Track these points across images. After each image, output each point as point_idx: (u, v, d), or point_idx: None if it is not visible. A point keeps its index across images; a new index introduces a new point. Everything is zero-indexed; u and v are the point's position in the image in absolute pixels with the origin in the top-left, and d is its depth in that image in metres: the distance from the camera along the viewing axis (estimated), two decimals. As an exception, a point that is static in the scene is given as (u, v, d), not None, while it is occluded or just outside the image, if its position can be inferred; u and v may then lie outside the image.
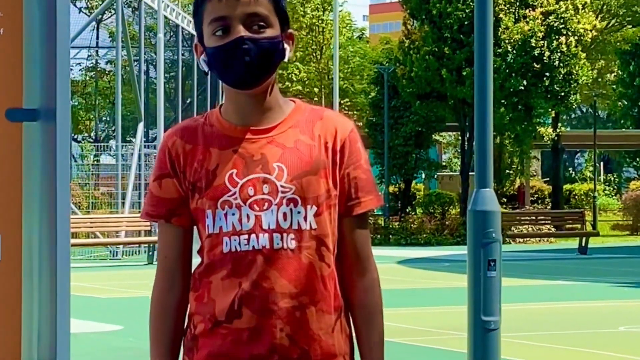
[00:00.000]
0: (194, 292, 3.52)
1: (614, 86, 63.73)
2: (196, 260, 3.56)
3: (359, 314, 3.50)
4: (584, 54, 43.40)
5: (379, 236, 41.34)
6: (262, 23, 3.40)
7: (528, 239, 39.82)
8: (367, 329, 3.50)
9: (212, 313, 3.44)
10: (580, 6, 42.24)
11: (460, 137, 42.88)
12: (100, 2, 54.04)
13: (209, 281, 3.46)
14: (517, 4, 40.99)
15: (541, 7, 41.25)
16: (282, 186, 3.39)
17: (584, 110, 58.53)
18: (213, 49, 3.41)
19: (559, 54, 41.36)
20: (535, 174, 59.67)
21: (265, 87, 3.47)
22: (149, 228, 32.86)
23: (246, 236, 3.40)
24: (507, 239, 34.73)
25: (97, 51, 60.49)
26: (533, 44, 40.83)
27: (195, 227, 3.54)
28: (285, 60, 3.49)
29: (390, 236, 42.91)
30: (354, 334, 3.54)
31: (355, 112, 59.30)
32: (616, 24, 54.72)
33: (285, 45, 3.47)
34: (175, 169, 3.53)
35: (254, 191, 3.40)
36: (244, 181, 3.41)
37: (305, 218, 3.39)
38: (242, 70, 3.39)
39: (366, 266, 3.49)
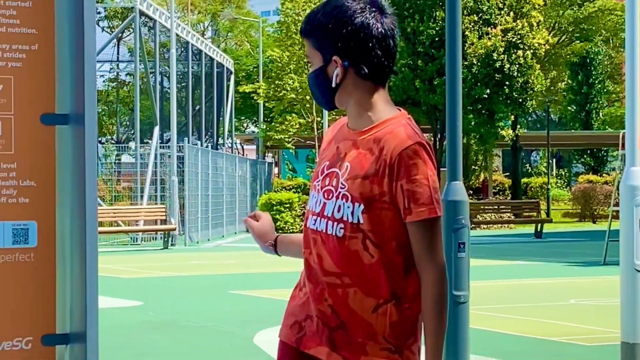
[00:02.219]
0: None
1: (565, 93, 63.87)
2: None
3: (422, 299, 3.45)
4: (539, 66, 43.37)
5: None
6: (309, 63, 3.61)
7: (491, 225, 39.87)
8: (424, 312, 3.45)
9: (302, 276, 3.64)
10: (535, 24, 42.22)
11: (432, 138, 42.80)
12: (120, 22, 53.89)
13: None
14: (481, 22, 40.97)
15: (501, 25, 41.22)
16: (341, 183, 3.47)
17: (539, 114, 58.52)
18: None
19: (517, 66, 41.33)
20: (497, 169, 59.79)
21: (346, 103, 3.58)
22: (164, 218, 32.82)
23: (316, 217, 3.53)
24: (473, 225, 34.74)
25: (117, 65, 60.25)
26: (495, 57, 40.81)
27: None
28: (334, 84, 3.52)
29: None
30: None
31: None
32: (566, 39, 54.69)
33: (334, 70, 3.49)
34: (321, 149, 3.75)
35: (329, 182, 3.51)
36: (328, 172, 3.54)
37: (352, 213, 3.43)
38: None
39: (422, 265, 3.43)
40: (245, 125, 76.71)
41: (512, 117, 47.96)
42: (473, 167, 48.31)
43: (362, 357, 3.44)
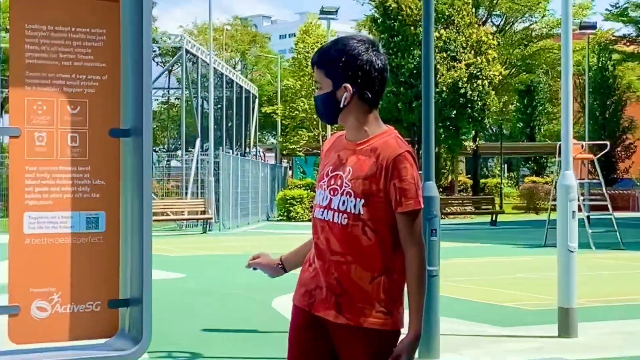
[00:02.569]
0: None
1: (514, 113, 63.70)
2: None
3: (407, 273, 3.54)
4: (494, 92, 43.31)
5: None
6: (319, 86, 3.64)
7: (456, 215, 39.79)
8: (408, 283, 3.54)
9: (310, 255, 3.69)
10: (490, 60, 42.19)
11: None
12: (171, 58, 53.86)
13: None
14: (449, 58, 40.97)
15: (465, 60, 41.20)
16: (345, 182, 3.53)
17: (494, 129, 58.48)
18: None
19: (477, 92, 41.30)
20: (461, 172, 59.61)
21: (345, 120, 3.63)
22: (203, 209, 32.83)
23: (323, 210, 3.58)
24: (442, 215, 34.70)
25: (168, 91, 60.23)
26: (460, 85, 40.79)
27: None
28: (342, 105, 3.58)
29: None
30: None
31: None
32: (515, 71, 54.55)
33: (343, 94, 3.56)
34: (321, 159, 3.79)
35: (334, 182, 3.57)
36: (332, 174, 3.60)
37: (355, 206, 3.50)
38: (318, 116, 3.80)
39: (407, 245, 3.51)
40: (266, 137, 76.66)
41: (473, 132, 47.97)
42: (443, 170, 48.14)
43: (361, 318, 3.47)
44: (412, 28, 39.73)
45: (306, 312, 3.59)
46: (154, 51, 57.64)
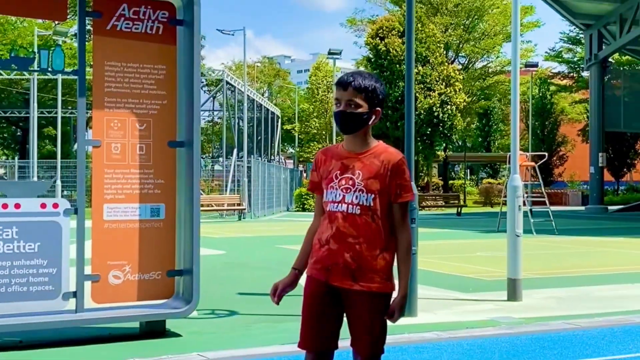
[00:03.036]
0: (319, 227, 3.66)
1: (475, 131, 63.65)
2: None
3: (398, 250, 3.58)
4: (459, 115, 43.20)
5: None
6: (353, 105, 3.55)
7: (430, 208, 39.70)
8: (400, 256, 3.58)
9: (321, 239, 3.59)
10: (457, 90, 42.07)
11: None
12: (214, 87, 53.91)
13: (323, 222, 3.60)
14: (425, 89, 40.84)
15: (437, 90, 41.10)
16: (357, 182, 3.52)
17: (460, 143, 58.47)
18: (334, 112, 3.62)
19: (447, 115, 41.16)
20: (434, 175, 59.51)
21: (357, 133, 3.59)
22: (239, 202, 32.83)
23: (337, 204, 3.54)
24: (420, 208, 34.66)
25: (212, 112, 60.30)
26: (433, 110, 40.67)
27: None
28: (370, 123, 3.59)
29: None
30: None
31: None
32: (475, 99, 54.47)
33: (372, 116, 3.58)
34: (317, 167, 3.69)
35: (345, 182, 3.54)
36: (341, 177, 3.56)
37: (366, 199, 3.51)
38: (339, 126, 3.60)
39: (400, 229, 3.57)
40: (286, 148, 76.63)
41: (444, 144, 47.88)
42: (420, 173, 47.89)
43: (372, 284, 3.50)
44: (398, 65, 39.61)
45: (322, 282, 3.56)
46: (202, 82, 57.74)
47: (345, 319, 3.61)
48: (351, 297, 3.52)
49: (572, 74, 62.25)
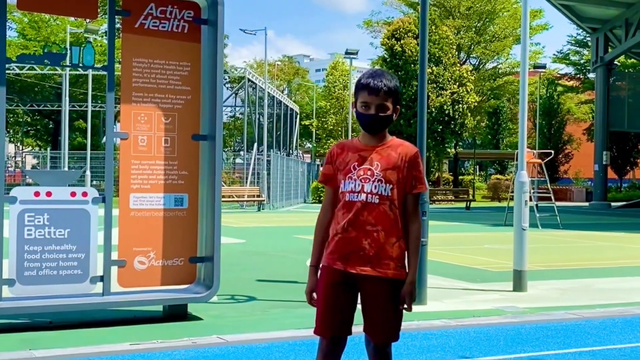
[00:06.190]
0: (333, 217, 3.62)
1: (485, 129, 63.37)
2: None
3: (409, 239, 3.59)
4: (470, 113, 43.04)
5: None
6: (384, 108, 3.54)
7: (441, 202, 39.61)
8: (410, 245, 3.59)
9: (337, 228, 3.56)
10: (468, 90, 41.90)
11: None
12: (237, 84, 54.01)
13: (339, 213, 3.57)
14: (438, 88, 40.71)
15: (449, 90, 40.95)
16: (376, 173, 3.52)
17: (470, 140, 58.21)
18: (360, 114, 3.56)
19: (458, 113, 41.03)
20: (445, 171, 59.31)
21: (382, 130, 3.60)
22: (259, 194, 32.90)
23: (355, 194, 3.52)
24: (431, 202, 34.60)
25: (235, 108, 60.38)
26: (445, 108, 40.54)
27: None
28: (393, 120, 3.62)
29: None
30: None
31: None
32: (485, 98, 54.21)
33: (394, 116, 3.60)
34: (332, 160, 3.65)
35: (363, 173, 3.53)
36: (359, 168, 3.54)
37: (384, 189, 3.51)
38: (369, 128, 3.56)
39: (412, 219, 3.59)
40: (304, 143, 76.67)
41: (454, 142, 47.65)
42: (431, 169, 47.80)
43: (388, 270, 3.50)
44: (412, 65, 39.47)
45: (338, 271, 3.54)
46: (225, 79, 57.81)
47: (359, 306, 3.60)
48: (367, 282, 3.50)
49: (578, 76, 61.84)
